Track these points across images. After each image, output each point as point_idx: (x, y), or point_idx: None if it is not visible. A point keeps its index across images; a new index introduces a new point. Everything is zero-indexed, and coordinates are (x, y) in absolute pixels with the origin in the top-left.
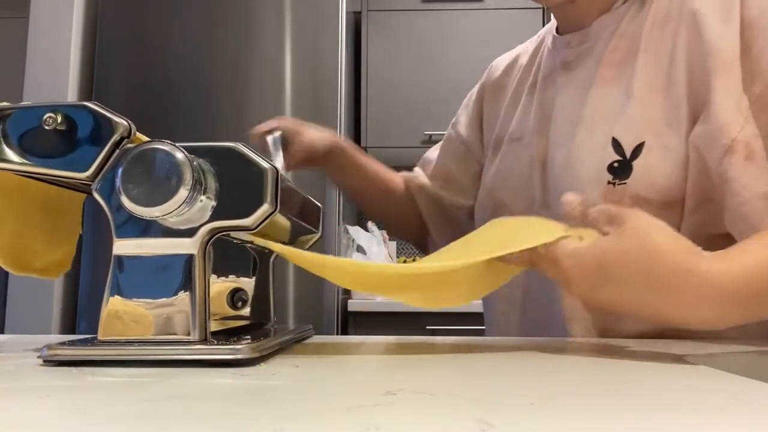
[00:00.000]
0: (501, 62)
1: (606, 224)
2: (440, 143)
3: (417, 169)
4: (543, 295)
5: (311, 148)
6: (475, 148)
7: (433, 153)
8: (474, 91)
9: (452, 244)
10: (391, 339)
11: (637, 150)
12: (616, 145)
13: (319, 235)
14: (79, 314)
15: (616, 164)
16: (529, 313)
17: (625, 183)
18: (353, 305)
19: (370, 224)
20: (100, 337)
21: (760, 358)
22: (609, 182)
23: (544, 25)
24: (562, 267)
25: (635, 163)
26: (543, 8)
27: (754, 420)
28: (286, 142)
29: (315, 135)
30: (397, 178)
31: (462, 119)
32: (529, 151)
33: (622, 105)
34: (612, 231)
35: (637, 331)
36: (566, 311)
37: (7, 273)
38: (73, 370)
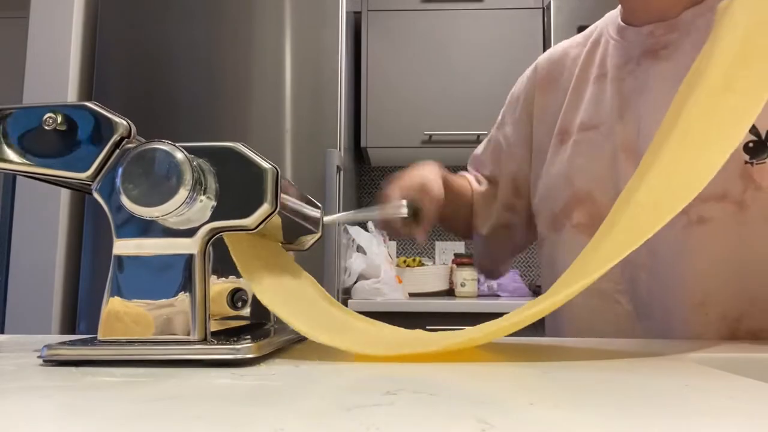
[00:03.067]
0: (548, 57)
1: None
2: (486, 140)
3: (472, 176)
4: (664, 281)
5: (440, 202)
6: (517, 146)
7: (480, 151)
8: (517, 90)
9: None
10: None
11: None
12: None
13: (319, 235)
14: (79, 314)
15: (751, 144)
16: (640, 306)
17: (764, 162)
18: (353, 305)
19: (371, 224)
20: (100, 337)
21: (760, 358)
22: (746, 162)
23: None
24: None
25: None
26: (543, 8)
27: (754, 420)
28: (416, 208)
29: (437, 187)
30: (470, 186)
31: (507, 119)
32: (610, 139)
33: None
34: None
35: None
36: (699, 296)
37: (7, 273)
38: (73, 370)
